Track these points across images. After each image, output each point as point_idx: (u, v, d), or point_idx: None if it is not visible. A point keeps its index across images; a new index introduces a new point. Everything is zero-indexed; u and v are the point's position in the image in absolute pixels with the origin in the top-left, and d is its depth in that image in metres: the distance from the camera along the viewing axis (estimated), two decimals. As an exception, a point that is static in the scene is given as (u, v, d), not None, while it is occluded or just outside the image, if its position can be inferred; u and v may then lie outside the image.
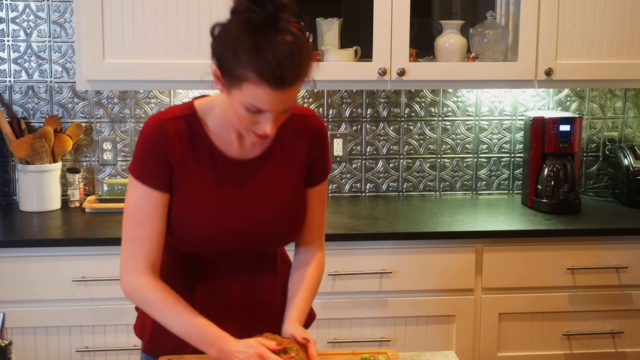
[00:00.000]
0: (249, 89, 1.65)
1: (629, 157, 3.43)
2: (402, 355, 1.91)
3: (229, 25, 1.67)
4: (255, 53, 1.61)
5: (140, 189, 1.79)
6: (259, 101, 1.66)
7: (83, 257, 2.86)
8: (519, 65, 3.16)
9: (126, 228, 1.82)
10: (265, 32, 1.62)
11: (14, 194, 3.38)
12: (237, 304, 1.91)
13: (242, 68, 1.63)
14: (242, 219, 1.84)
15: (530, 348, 3.08)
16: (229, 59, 1.65)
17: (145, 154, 1.80)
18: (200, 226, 1.82)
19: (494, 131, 3.57)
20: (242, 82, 1.65)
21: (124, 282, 1.82)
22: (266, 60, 1.61)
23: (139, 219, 1.79)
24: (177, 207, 1.82)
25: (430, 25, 3.47)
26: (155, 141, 1.79)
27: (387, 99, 3.49)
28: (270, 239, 1.91)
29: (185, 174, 1.81)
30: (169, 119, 1.81)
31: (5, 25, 3.30)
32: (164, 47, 3.00)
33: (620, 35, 3.18)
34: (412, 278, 2.98)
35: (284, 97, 1.66)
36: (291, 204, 1.89)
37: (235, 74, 1.65)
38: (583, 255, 3.04)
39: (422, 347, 3.01)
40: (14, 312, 2.82)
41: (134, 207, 1.80)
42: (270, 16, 1.62)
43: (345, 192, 3.55)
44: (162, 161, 1.79)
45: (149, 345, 1.95)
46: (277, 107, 1.68)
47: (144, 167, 1.79)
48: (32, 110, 3.36)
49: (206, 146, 1.82)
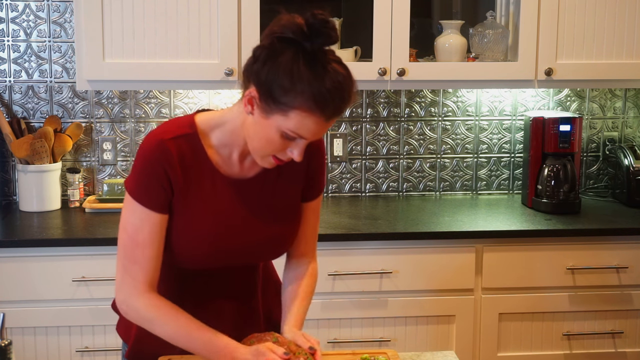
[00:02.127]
0: (297, 117, 1.65)
1: (629, 157, 3.43)
2: (402, 355, 1.91)
3: (279, 51, 1.65)
4: (316, 81, 1.62)
5: (140, 211, 1.77)
6: (304, 129, 1.67)
7: (83, 257, 2.86)
8: (519, 65, 3.16)
9: (124, 247, 1.79)
10: (321, 62, 1.64)
11: (14, 194, 3.38)
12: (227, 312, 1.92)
13: (295, 95, 1.63)
14: (240, 238, 1.84)
15: (530, 348, 3.08)
16: (281, 85, 1.64)
17: (145, 176, 1.77)
18: (198, 247, 1.82)
19: (494, 131, 3.57)
20: (290, 109, 1.64)
21: (121, 302, 1.81)
22: (326, 88, 1.63)
23: (139, 241, 1.77)
24: (176, 228, 1.81)
25: (430, 25, 3.47)
26: (156, 163, 1.75)
27: (387, 99, 3.49)
28: (265, 255, 1.94)
29: (185, 196, 1.80)
30: (171, 139, 1.77)
31: (5, 25, 3.30)
32: (164, 47, 3.00)
33: (620, 35, 3.18)
34: (412, 278, 2.98)
35: (328, 126, 1.69)
36: (289, 221, 1.91)
37: (283, 101, 1.64)
38: (583, 255, 3.04)
39: (422, 347, 3.01)
40: (14, 312, 2.82)
41: (132, 228, 1.78)
42: (321, 48, 1.65)
43: (345, 192, 3.55)
44: (164, 183, 1.76)
45: (133, 351, 1.94)
46: (318, 135, 1.70)
47: (143, 188, 1.77)
48: (32, 110, 3.36)
49: (207, 166, 1.81)
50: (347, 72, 1.69)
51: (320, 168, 1.95)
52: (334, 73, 1.65)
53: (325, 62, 1.65)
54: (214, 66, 3.01)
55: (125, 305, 1.80)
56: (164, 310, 1.78)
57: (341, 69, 1.67)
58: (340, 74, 1.66)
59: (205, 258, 1.84)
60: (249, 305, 1.96)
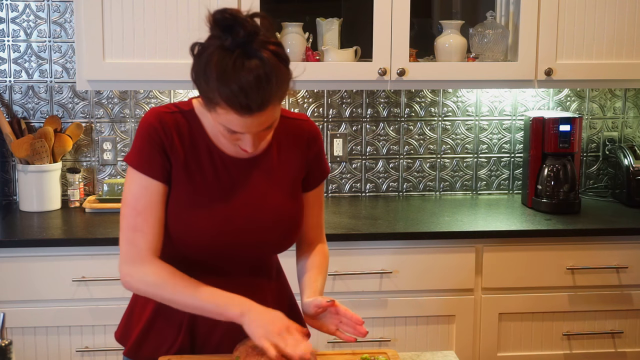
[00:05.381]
0: (222, 113, 1.66)
1: (629, 157, 3.43)
2: (402, 355, 1.91)
3: (205, 47, 1.67)
4: (221, 81, 1.62)
5: (140, 179, 1.79)
6: (232, 125, 1.67)
7: (83, 257, 2.86)
8: (519, 65, 3.16)
9: (125, 217, 1.81)
10: (234, 58, 1.61)
11: (14, 194, 3.38)
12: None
13: (212, 93, 1.64)
14: (241, 220, 1.83)
15: (530, 348, 3.08)
16: (201, 82, 1.67)
17: (144, 144, 1.79)
18: (199, 227, 1.80)
19: (494, 131, 3.57)
20: (214, 105, 1.66)
21: (126, 273, 1.80)
22: (230, 89, 1.61)
23: (139, 208, 1.78)
24: (176, 205, 1.81)
25: (430, 25, 3.47)
26: (154, 131, 1.79)
27: (387, 99, 3.49)
28: (268, 242, 1.89)
29: (184, 169, 1.81)
30: (168, 112, 1.82)
31: (5, 25, 3.30)
32: (164, 47, 3.00)
33: (620, 35, 3.18)
34: (412, 278, 2.98)
35: (257, 121, 1.67)
36: (289, 206, 1.89)
37: (208, 97, 1.67)
38: (583, 255, 3.04)
39: (422, 347, 3.01)
40: (14, 312, 2.82)
41: (133, 197, 1.80)
42: (242, 41, 1.62)
43: (345, 192, 3.55)
44: (161, 152, 1.79)
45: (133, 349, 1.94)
46: (252, 129, 1.69)
47: (143, 157, 1.79)
48: (32, 110, 3.36)
49: (204, 143, 1.82)
50: (263, 65, 1.61)
51: (319, 155, 1.95)
52: (245, 71, 1.60)
53: (240, 57, 1.61)
54: (214, 66, 3.00)
55: (130, 276, 1.80)
56: (169, 273, 1.78)
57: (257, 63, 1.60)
58: (252, 71, 1.60)
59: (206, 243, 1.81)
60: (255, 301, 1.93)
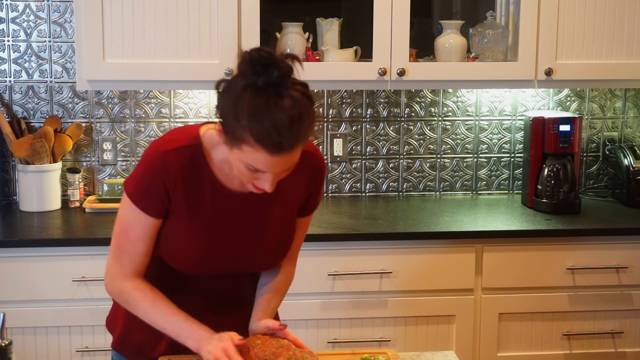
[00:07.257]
0: (248, 151, 1.65)
1: (629, 157, 3.43)
2: (402, 355, 1.91)
3: (234, 84, 1.66)
4: (255, 119, 1.61)
5: (135, 212, 1.83)
6: (257, 163, 1.67)
7: (83, 257, 2.86)
8: (519, 65, 3.16)
9: (117, 237, 1.88)
10: (267, 97, 1.61)
11: (14, 194, 3.38)
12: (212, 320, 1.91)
13: (242, 130, 1.63)
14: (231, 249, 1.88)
15: (530, 348, 3.08)
16: (230, 119, 1.65)
17: (145, 183, 1.82)
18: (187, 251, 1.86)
19: (494, 131, 3.57)
20: (241, 143, 1.65)
21: (107, 284, 1.90)
22: (264, 127, 1.61)
23: (131, 236, 1.85)
24: (170, 229, 1.86)
25: (430, 25, 3.47)
26: (157, 173, 1.80)
27: (387, 99, 3.49)
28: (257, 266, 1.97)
29: (183, 202, 1.83)
30: (174, 149, 1.81)
31: (5, 25, 3.30)
32: (164, 47, 3.00)
33: (620, 35, 3.18)
34: (412, 278, 2.98)
35: (284, 160, 1.68)
36: (284, 236, 1.94)
37: (235, 135, 1.65)
38: (583, 255, 3.04)
39: (422, 347, 3.01)
40: (14, 312, 2.82)
41: (127, 225, 1.85)
42: (274, 81, 1.62)
43: (345, 192, 3.55)
44: (161, 193, 1.81)
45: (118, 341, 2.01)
46: (277, 168, 1.69)
47: (142, 194, 1.82)
48: (32, 110, 3.36)
49: (208, 178, 1.84)
50: (297, 105, 1.62)
51: (319, 188, 1.98)
52: (278, 110, 1.60)
53: (274, 97, 1.61)
54: (214, 66, 3.00)
55: (111, 287, 1.90)
56: (143, 296, 1.85)
57: (290, 103, 1.61)
58: (285, 111, 1.60)
59: (193, 264, 1.88)
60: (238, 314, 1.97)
